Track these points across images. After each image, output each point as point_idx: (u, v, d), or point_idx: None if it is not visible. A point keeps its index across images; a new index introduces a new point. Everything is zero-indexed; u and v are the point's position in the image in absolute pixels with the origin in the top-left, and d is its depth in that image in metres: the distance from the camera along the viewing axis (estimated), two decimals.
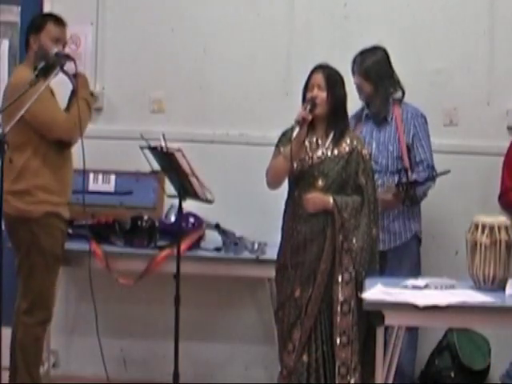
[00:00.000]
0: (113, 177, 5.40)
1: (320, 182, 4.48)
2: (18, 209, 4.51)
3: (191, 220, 5.18)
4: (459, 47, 5.33)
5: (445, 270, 5.03)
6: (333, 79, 4.50)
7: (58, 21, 4.69)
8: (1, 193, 3.99)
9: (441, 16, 5.38)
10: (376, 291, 4.12)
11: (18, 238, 4.57)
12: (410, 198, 4.89)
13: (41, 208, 4.55)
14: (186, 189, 4.53)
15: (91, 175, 5.34)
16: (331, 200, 4.43)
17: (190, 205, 4.75)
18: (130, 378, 5.49)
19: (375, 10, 5.42)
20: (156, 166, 4.57)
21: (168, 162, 4.49)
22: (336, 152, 4.50)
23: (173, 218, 5.18)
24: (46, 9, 5.49)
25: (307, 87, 4.53)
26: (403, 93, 5.04)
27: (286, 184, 4.61)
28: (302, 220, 4.47)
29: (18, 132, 4.32)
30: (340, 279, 4.40)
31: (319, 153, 4.51)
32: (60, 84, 4.72)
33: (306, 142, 4.51)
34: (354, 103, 4.72)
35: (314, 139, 4.54)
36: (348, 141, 4.53)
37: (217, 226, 5.11)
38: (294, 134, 4.38)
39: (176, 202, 4.66)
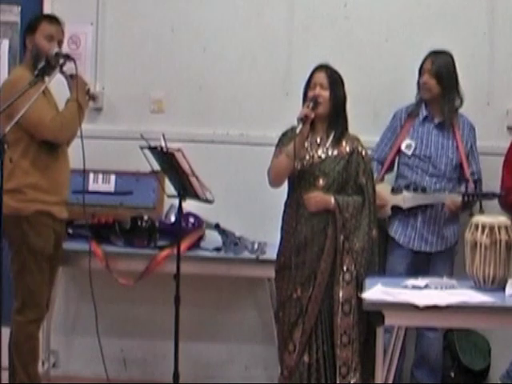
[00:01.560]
0: (113, 177, 5.40)
1: (321, 182, 4.49)
2: (10, 207, 4.46)
3: (191, 220, 5.18)
4: (459, 47, 5.32)
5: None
6: (335, 79, 4.54)
7: (52, 19, 4.69)
8: (0, 192, 3.98)
9: (441, 16, 5.37)
10: (376, 291, 4.12)
11: (10, 236, 4.56)
12: (471, 207, 4.93)
13: (31, 206, 4.53)
14: (186, 189, 4.53)
15: (91, 175, 5.34)
16: (332, 199, 4.44)
17: (189, 205, 4.75)
18: (130, 378, 5.50)
19: (375, 10, 5.42)
20: (156, 166, 4.57)
21: (168, 162, 4.49)
22: (336, 152, 4.52)
23: (173, 218, 5.18)
24: (46, 9, 5.49)
25: (309, 86, 4.54)
26: (461, 102, 5.07)
27: (285, 184, 4.62)
28: (304, 219, 4.48)
29: (9, 131, 4.28)
30: (341, 279, 4.41)
31: (320, 152, 4.52)
32: (60, 84, 4.72)
33: (307, 143, 4.52)
34: (353, 103, 4.71)
35: (315, 139, 4.55)
36: (348, 141, 4.55)
37: (217, 226, 5.11)
38: (297, 130, 4.39)
39: (176, 202, 4.66)
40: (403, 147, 5.05)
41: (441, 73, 4.98)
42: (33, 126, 4.49)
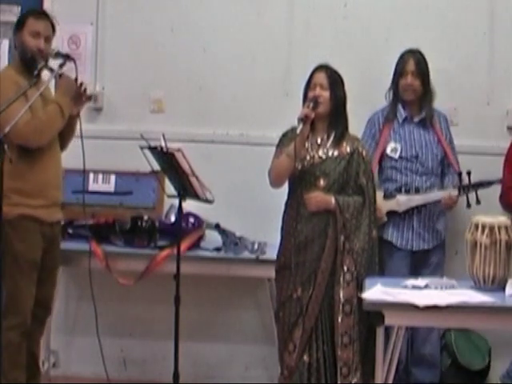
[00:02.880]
0: (113, 177, 5.40)
1: (321, 182, 4.49)
2: None
3: (191, 220, 5.18)
4: (459, 47, 5.33)
5: (445, 270, 5.05)
6: (335, 79, 4.55)
7: (40, 14, 4.53)
8: (0, 193, 3.94)
9: (441, 16, 5.38)
10: (376, 291, 4.12)
11: None
12: (468, 199, 4.93)
13: (14, 210, 4.31)
14: (186, 189, 4.53)
15: (91, 175, 5.34)
16: (333, 200, 4.45)
17: (189, 205, 4.75)
18: (129, 378, 5.50)
19: (375, 10, 5.42)
20: (156, 166, 4.57)
21: (168, 162, 4.49)
22: (337, 152, 4.52)
23: (173, 218, 5.18)
24: (46, 9, 5.47)
25: (309, 86, 4.55)
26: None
27: (285, 185, 4.62)
28: (304, 219, 4.48)
29: None
30: (341, 279, 4.41)
31: (320, 153, 4.52)
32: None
33: (307, 143, 4.53)
34: (353, 103, 4.72)
35: (315, 139, 4.55)
36: (349, 141, 4.55)
37: (217, 226, 5.11)
38: (298, 130, 4.40)
39: (176, 202, 4.66)
40: (388, 151, 5.05)
41: (424, 73, 5.01)
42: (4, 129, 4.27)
